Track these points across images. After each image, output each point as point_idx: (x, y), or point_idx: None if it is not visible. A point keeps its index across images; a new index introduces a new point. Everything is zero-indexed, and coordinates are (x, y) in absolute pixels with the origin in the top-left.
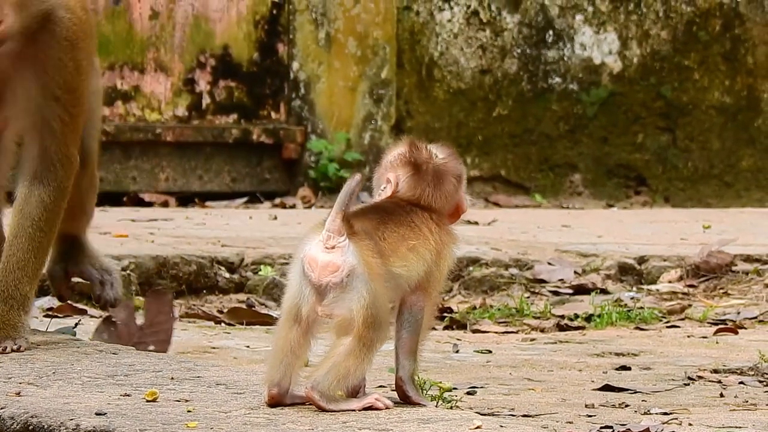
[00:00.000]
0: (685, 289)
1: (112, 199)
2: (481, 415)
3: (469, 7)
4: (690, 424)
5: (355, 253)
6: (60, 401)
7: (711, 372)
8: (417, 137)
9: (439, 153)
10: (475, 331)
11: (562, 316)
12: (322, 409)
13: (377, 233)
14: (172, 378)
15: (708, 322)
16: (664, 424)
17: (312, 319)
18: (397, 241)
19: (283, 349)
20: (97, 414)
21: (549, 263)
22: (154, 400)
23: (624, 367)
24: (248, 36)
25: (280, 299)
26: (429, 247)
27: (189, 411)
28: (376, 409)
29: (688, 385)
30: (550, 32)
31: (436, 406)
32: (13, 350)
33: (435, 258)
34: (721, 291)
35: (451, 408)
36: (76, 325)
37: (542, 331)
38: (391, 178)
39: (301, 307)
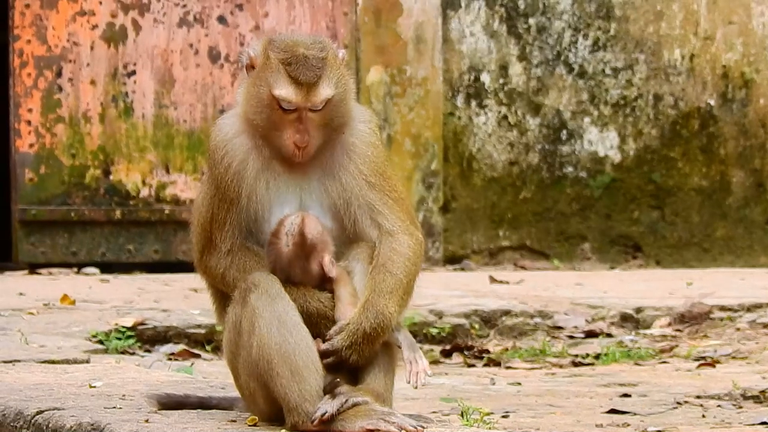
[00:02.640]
0: (673, 333)
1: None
2: None
3: (500, 112)
4: None
5: None
6: (179, 427)
7: (695, 398)
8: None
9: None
10: (507, 368)
11: (576, 355)
12: None
13: None
14: None
15: (692, 359)
16: None
17: None
18: None
19: None
20: None
21: (565, 313)
22: (254, 425)
23: (626, 395)
24: None
25: None
26: None
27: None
28: None
29: (677, 408)
30: (564, 132)
31: (478, 427)
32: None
33: None
34: (702, 334)
35: (490, 428)
36: (192, 365)
37: (561, 367)
38: None
39: None
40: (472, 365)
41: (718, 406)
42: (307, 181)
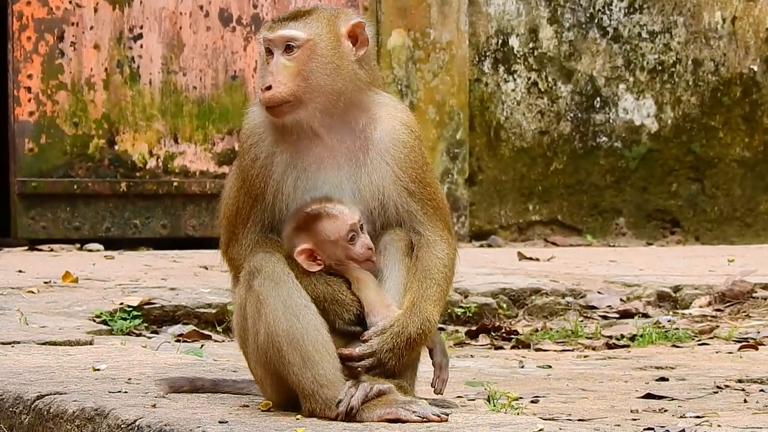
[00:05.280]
0: (713, 313)
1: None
2: (544, 419)
3: (529, 78)
4: (719, 426)
5: None
6: (189, 412)
7: (736, 382)
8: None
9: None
10: (537, 350)
11: (611, 337)
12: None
13: None
14: None
15: (733, 340)
16: (697, 425)
17: None
18: None
19: None
20: (220, 422)
21: (599, 292)
22: (268, 410)
23: (663, 379)
24: None
25: None
26: None
27: (297, 419)
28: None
29: (717, 393)
30: (598, 99)
31: (505, 413)
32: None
33: None
34: (744, 314)
35: (518, 414)
36: (202, 347)
37: (594, 349)
38: None
39: None
40: (500, 347)
41: (761, 390)
42: (338, 181)
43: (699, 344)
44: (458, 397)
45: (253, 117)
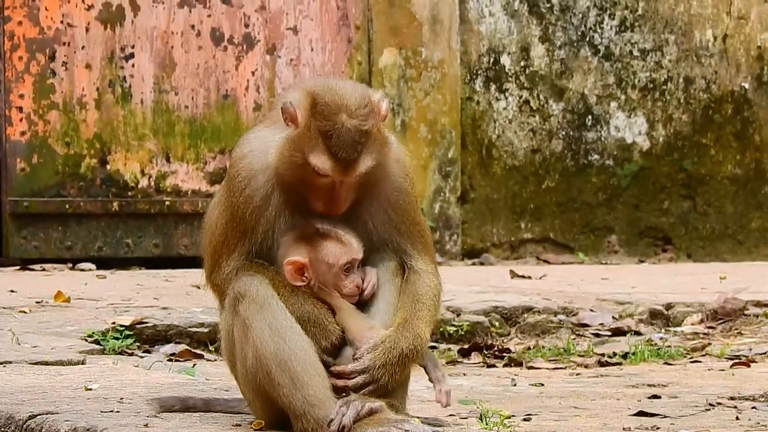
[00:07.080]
0: (706, 330)
1: None
2: None
3: (521, 97)
4: None
5: None
6: (182, 431)
7: (728, 399)
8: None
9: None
10: (529, 368)
11: (603, 354)
12: None
13: None
14: None
15: (725, 358)
16: None
17: None
18: None
19: None
20: None
21: (591, 310)
22: (260, 429)
23: (655, 396)
24: None
25: None
26: None
27: None
28: None
29: (709, 410)
30: (589, 117)
31: (498, 431)
32: None
33: None
34: (736, 331)
35: None
36: (194, 366)
37: (586, 367)
38: None
39: None
40: (492, 365)
41: (753, 407)
42: (332, 223)
43: (691, 362)
44: (450, 415)
45: (248, 159)
